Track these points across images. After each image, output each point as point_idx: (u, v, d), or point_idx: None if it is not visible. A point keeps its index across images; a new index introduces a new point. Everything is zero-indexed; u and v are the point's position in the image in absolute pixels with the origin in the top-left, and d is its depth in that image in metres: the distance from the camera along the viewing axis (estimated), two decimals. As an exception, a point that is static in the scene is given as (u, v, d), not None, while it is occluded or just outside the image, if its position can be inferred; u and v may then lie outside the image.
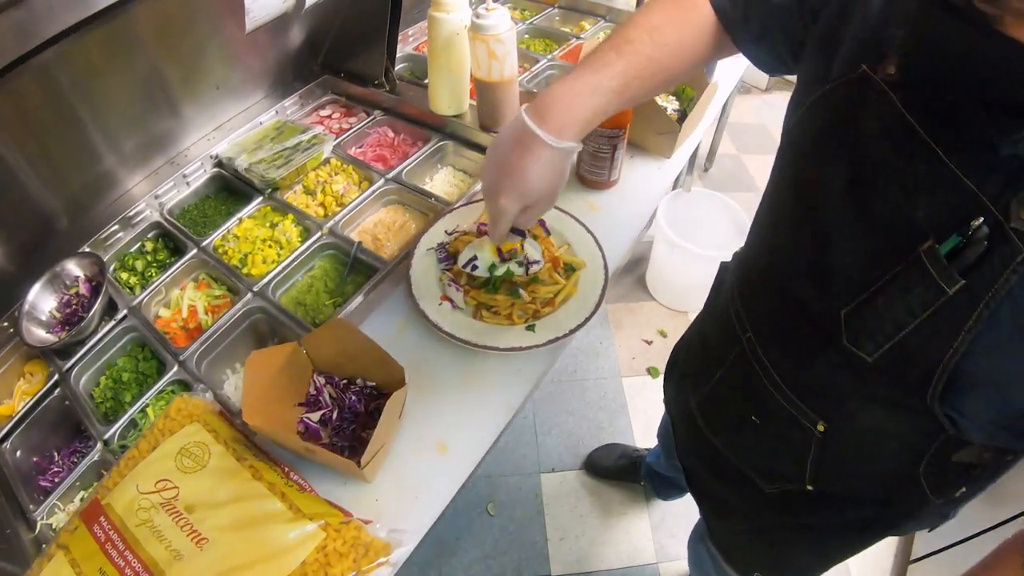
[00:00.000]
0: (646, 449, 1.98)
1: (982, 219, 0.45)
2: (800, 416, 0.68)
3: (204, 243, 1.32)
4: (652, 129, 1.28)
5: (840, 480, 0.73)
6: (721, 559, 1.03)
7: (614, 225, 1.19)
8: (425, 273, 1.08)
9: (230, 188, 1.50)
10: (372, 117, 1.59)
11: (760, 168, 3.12)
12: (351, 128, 1.56)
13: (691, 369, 0.98)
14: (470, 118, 1.48)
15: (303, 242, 1.28)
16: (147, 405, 1.05)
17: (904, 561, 1.75)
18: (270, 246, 1.30)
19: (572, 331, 0.97)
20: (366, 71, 1.63)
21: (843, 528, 0.80)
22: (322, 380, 0.94)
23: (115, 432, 0.99)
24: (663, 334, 2.39)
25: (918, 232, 0.48)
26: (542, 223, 1.13)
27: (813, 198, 0.58)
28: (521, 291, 0.99)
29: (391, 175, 1.39)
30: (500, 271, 0.99)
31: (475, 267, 1.01)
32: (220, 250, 1.32)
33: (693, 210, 2.34)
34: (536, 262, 1.00)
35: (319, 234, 1.29)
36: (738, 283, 0.81)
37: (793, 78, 0.67)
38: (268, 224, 1.36)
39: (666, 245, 2.25)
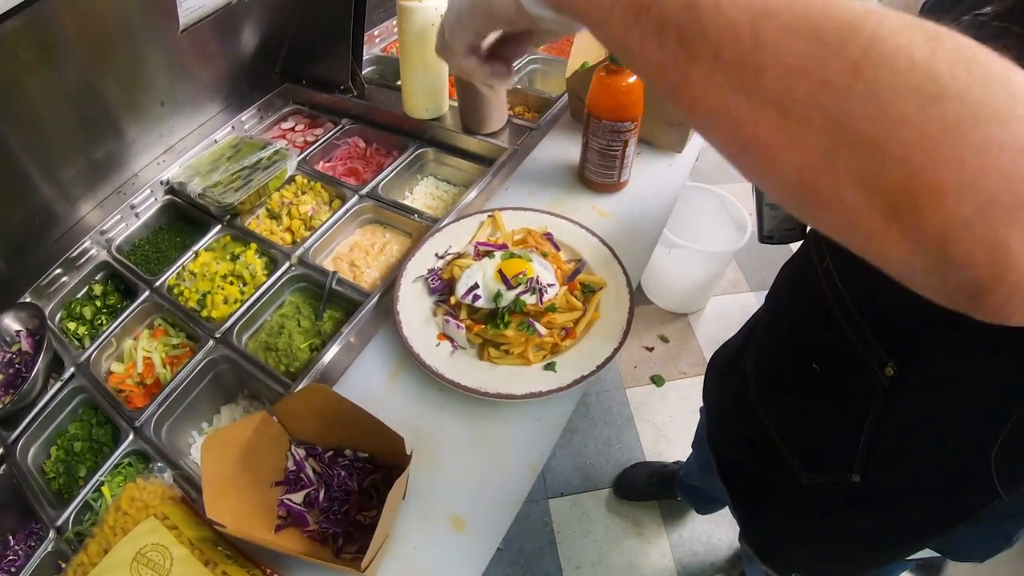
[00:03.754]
0: (675, 463, 1.83)
1: None
2: (868, 356, 0.60)
3: (157, 283, 1.12)
4: (662, 119, 1.11)
5: (894, 464, 0.65)
6: (756, 557, 0.93)
7: (629, 232, 1.01)
8: (415, 307, 0.88)
9: (185, 217, 1.29)
10: (340, 127, 1.39)
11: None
12: (317, 140, 1.36)
13: (753, 339, 0.92)
14: (451, 121, 1.29)
15: (269, 275, 1.08)
16: (102, 483, 0.87)
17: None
18: (231, 282, 1.10)
19: (601, 366, 0.79)
20: (330, 76, 1.43)
21: (886, 531, 0.72)
22: (302, 452, 0.74)
23: (68, 516, 0.83)
24: (664, 339, 2.22)
25: None
26: (549, 237, 0.96)
27: None
28: (536, 325, 0.80)
29: (365, 191, 1.19)
30: (508, 301, 0.81)
31: (477, 297, 0.82)
32: (175, 291, 1.12)
33: (686, 206, 2.17)
34: (551, 286, 0.82)
35: (287, 265, 1.09)
36: None
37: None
38: (228, 256, 1.16)
39: (662, 245, 2.08)
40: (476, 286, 0.82)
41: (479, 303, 0.81)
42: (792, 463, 0.75)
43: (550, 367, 0.80)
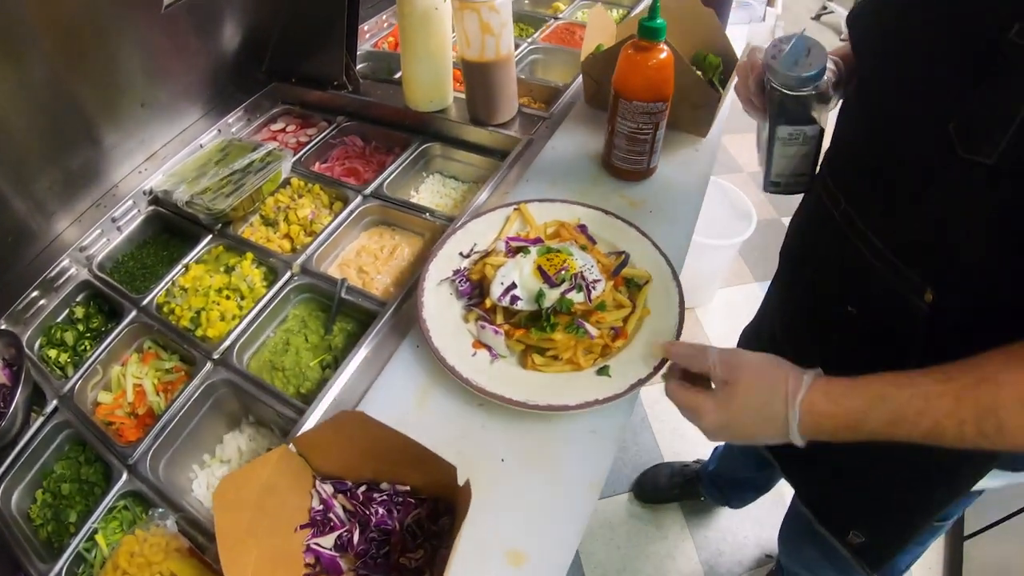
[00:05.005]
0: (695, 461, 1.75)
1: None
2: (904, 289, 0.59)
3: (144, 301, 1.00)
4: (687, 101, 1.01)
5: None
6: (813, 518, 0.86)
7: (664, 222, 0.92)
8: (443, 314, 0.78)
9: (172, 229, 1.17)
10: (335, 125, 1.28)
11: (740, 147, 2.91)
12: (311, 141, 1.25)
13: (769, 308, 0.95)
14: (456, 113, 1.19)
15: (270, 287, 0.97)
16: (95, 530, 0.76)
17: (958, 538, 1.56)
18: (228, 297, 0.99)
19: (659, 367, 0.70)
20: (322, 72, 1.31)
21: (948, 458, 0.64)
22: (329, 489, 0.63)
23: (60, 570, 0.72)
24: (672, 334, 2.13)
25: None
26: (584, 230, 0.85)
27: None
28: (586, 325, 0.70)
29: (369, 191, 1.08)
30: (552, 300, 0.70)
31: (516, 299, 0.72)
32: (165, 309, 1.00)
33: (688, 197, 2.09)
34: (597, 281, 0.72)
35: (289, 274, 0.97)
36: (827, 158, 0.76)
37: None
38: (222, 268, 1.04)
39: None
40: (514, 286, 0.72)
41: (519, 305, 0.71)
42: None
43: (603, 371, 0.70)
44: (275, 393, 0.84)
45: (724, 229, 1.97)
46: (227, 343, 0.91)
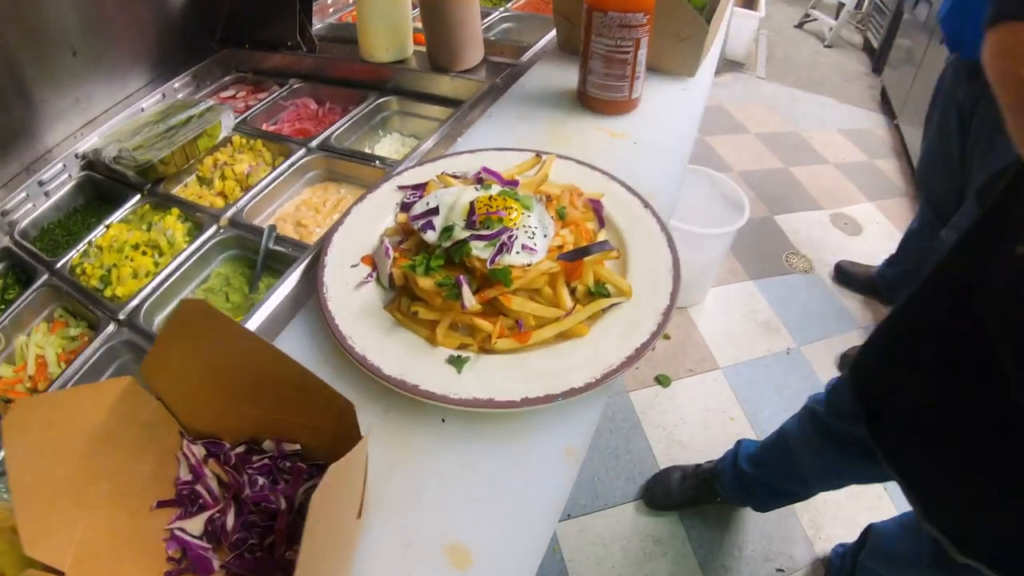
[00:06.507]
0: (708, 463, 1.57)
1: None
2: None
3: (59, 264, 0.83)
4: (671, 32, 0.87)
5: None
6: (950, 546, 0.68)
7: (651, 153, 0.76)
8: (362, 243, 0.61)
9: (104, 195, 1.03)
10: (288, 86, 1.13)
11: (729, 149, 2.78)
12: (260, 103, 1.10)
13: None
14: (417, 63, 1.04)
15: (192, 242, 0.81)
16: None
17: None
18: (144, 252, 0.83)
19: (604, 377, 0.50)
20: (276, 35, 1.18)
21: None
22: (200, 451, 0.46)
23: None
24: (665, 336, 1.96)
25: None
26: (597, 209, 0.65)
27: None
28: (464, 287, 0.51)
29: (315, 143, 0.93)
30: (452, 241, 0.54)
31: (429, 226, 0.56)
32: (77, 271, 0.84)
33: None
34: (529, 249, 0.55)
35: (215, 228, 0.82)
36: None
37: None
38: (146, 227, 0.88)
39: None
40: (436, 212, 0.56)
41: (428, 235, 0.55)
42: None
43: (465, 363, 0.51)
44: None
45: (717, 219, 1.82)
46: (135, 302, 0.75)
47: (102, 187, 1.02)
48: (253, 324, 0.61)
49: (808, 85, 3.35)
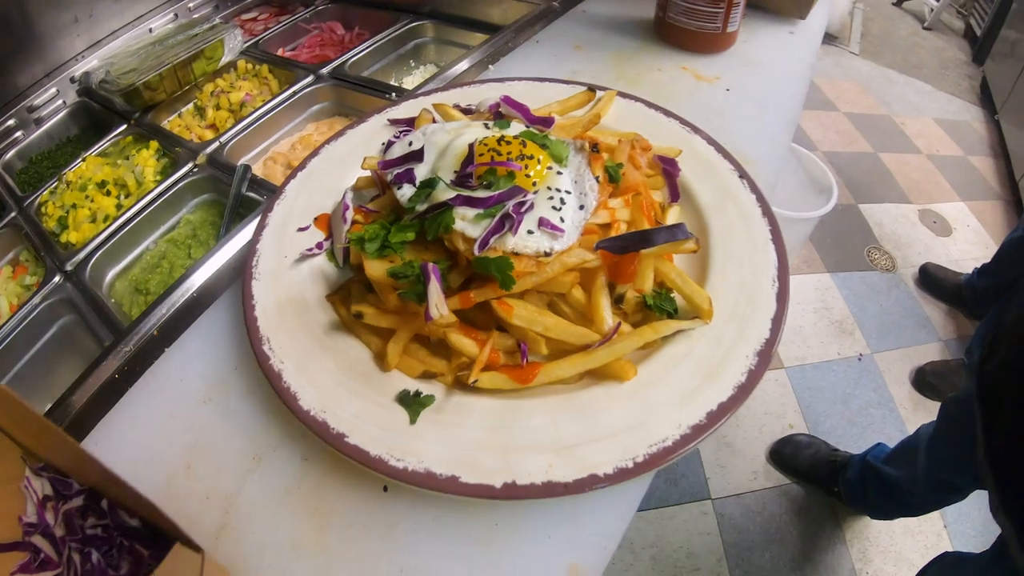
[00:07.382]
0: (844, 452, 1.42)
1: None
2: None
3: (28, 200, 0.70)
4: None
5: None
6: None
7: (748, 106, 0.55)
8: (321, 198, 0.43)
9: (99, 124, 0.89)
10: (313, 7, 0.95)
11: (815, 125, 2.45)
12: (280, 25, 0.93)
13: None
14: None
15: (162, 182, 0.65)
16: None
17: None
18: (108, 192, 0.68)
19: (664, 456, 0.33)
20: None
21: None
22: (45, 490, 0.30)
23: None
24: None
25: None
26: (670, 170, 0.44)
27: None
28: (434, 285, 0.32)
29: (326, 70, 0.75)
30: (428, 204, 0.35)
31: (402, 178, 0.37)
32: (42, 210, 0.70)
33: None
34: (554, 229, 0.35)
35: (189, 166, 0.66)
36: None
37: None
38: (122, 160, 0.73)
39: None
40: (419, 156, 0.37)
41: (401, 190, 0.36)
42: None
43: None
44: (119, 327, 0.52)
45: (799, 203, 1.57)
46: (84, 253, 0.60)
47: (97, 116, 0.89)
48: (179, 300, 0.45)
49: (904, 67, 2.96)
